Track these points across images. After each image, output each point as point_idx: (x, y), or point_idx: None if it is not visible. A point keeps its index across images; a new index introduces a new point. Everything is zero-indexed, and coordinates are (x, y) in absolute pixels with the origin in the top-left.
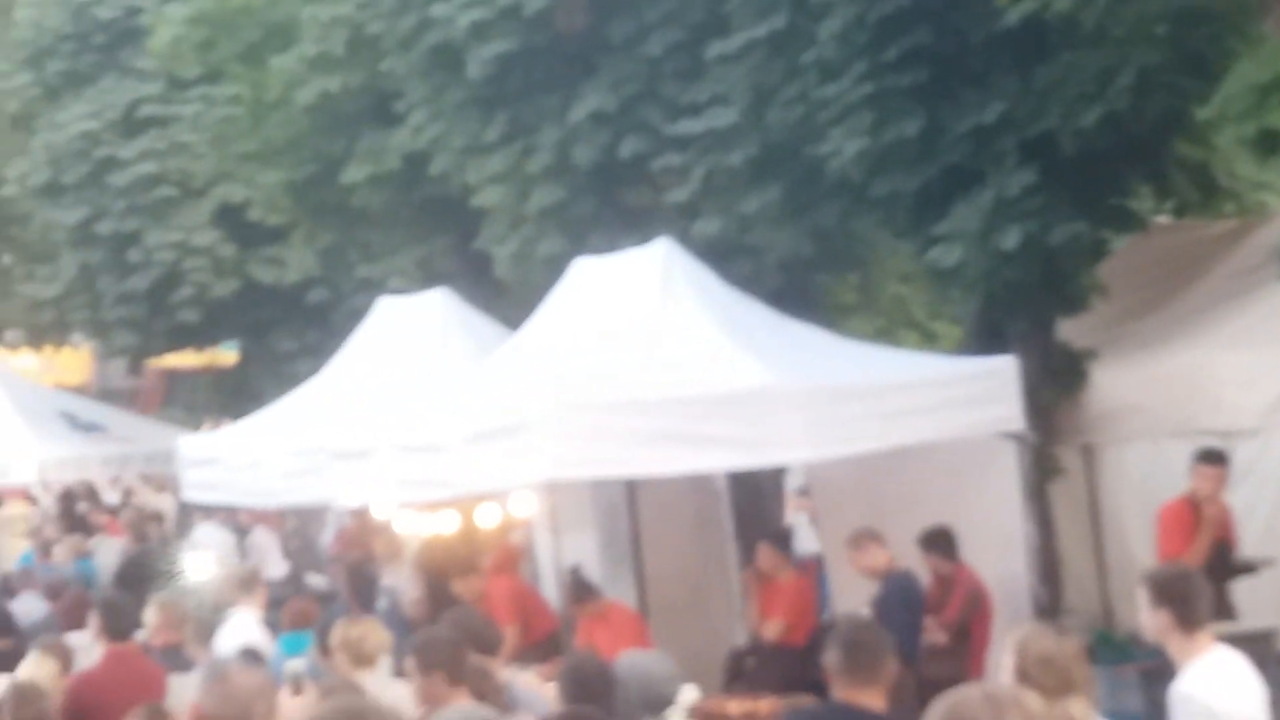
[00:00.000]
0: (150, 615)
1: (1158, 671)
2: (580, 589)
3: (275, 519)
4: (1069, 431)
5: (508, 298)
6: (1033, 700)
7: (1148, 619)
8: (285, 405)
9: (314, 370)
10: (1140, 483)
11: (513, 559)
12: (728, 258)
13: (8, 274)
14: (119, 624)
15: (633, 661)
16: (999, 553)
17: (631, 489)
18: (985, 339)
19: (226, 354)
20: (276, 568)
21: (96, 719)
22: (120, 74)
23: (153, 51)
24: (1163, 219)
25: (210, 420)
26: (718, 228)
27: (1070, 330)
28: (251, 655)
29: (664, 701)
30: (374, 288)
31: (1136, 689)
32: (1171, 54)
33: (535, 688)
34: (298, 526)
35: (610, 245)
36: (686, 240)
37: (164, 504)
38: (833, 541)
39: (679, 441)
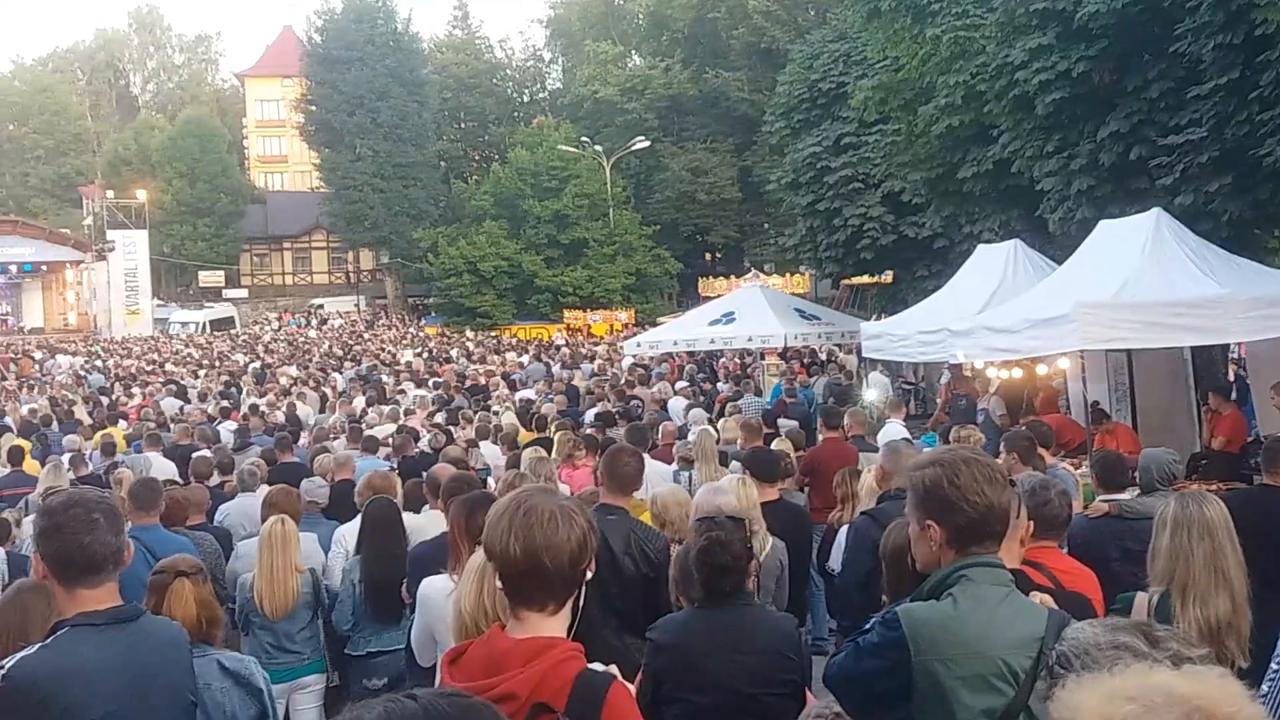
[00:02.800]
0: (846, 418)
1: None
2: (1099, 415)
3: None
4: None
5: (1056, 245)
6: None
7: None
8: (921, 306)
9: (938, 288)
10: None
11: (1053, 398)
12: (1196, 219)
13: (766, 232)
14: (832, 420)
15: (1152, 453)
16: None
17: (1130, 356)
18: None
19: (886, 277)
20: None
21: (821, 472)
22: (832, 120)
23: (852, 105)
24: None
25: (875, 315)
26: (1190, 201)
27: None
28: (908, 441)
29: (1174, 477)
30: (974, 239)
31: None
32: None
33: (1068, 470)
34: (925, 375)
35: (1122, 212)
36: (1170, 209)
37: (851, 361)
38: (1260, 389)
39: (1162, 328)
